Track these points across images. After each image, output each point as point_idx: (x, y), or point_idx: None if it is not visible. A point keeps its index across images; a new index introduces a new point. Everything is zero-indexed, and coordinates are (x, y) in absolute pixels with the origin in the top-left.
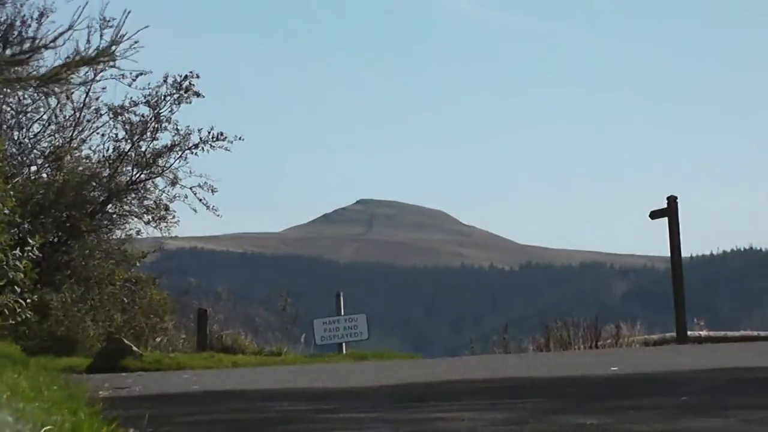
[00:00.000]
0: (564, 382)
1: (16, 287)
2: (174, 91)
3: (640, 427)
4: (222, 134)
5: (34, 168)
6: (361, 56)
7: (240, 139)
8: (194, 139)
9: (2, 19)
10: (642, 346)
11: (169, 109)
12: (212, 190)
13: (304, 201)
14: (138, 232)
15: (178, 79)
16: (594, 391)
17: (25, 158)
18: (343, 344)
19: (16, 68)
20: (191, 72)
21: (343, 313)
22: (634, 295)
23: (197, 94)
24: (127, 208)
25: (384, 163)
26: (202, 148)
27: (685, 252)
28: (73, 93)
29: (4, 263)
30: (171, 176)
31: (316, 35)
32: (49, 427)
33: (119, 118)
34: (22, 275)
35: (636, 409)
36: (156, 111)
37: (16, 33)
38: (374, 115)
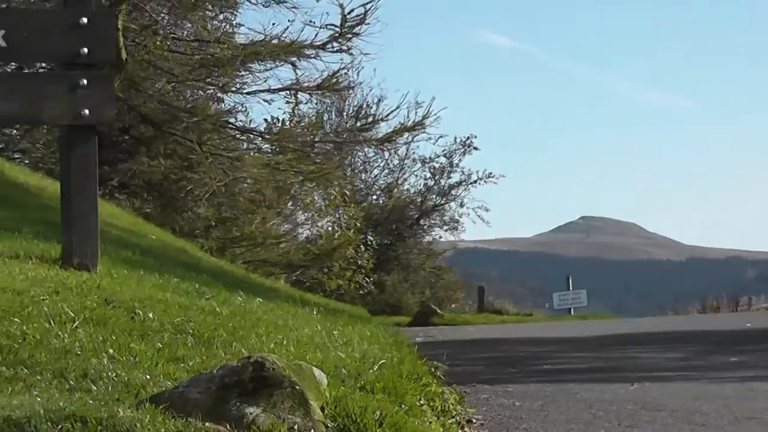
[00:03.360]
0: (714, 333)
1: (362, 270)
2: (460, 147)
3: (766, 363)
4: (491, 174)
5: (374, 197)
6: None
7: (502, 176)
8: (474, 177)
9: (355, 103)
10: (766, 311)
11: (458, 158)
12: (486, 210)
13: (545, 215)
14: (439, 237)
15: (463, 139)
16: (735, 340)
17: (368, 191)
18: (571, 309)
19: (363, 134)
20: (471, 134)
21: (571, 289)
22: (763, 280)
23: (475, 148)
24: (432, 222)
25: (601, 186)
26: (479, 183)
27: None
28: (398, 150)
29: (356, 255)
30: (459, 201)
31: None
32: (383, 361)
33: (426, 165)
34: (366, 263)
35: (764, 351)
36: (450, 159)
37: (363, 111)
38: (602, 150)
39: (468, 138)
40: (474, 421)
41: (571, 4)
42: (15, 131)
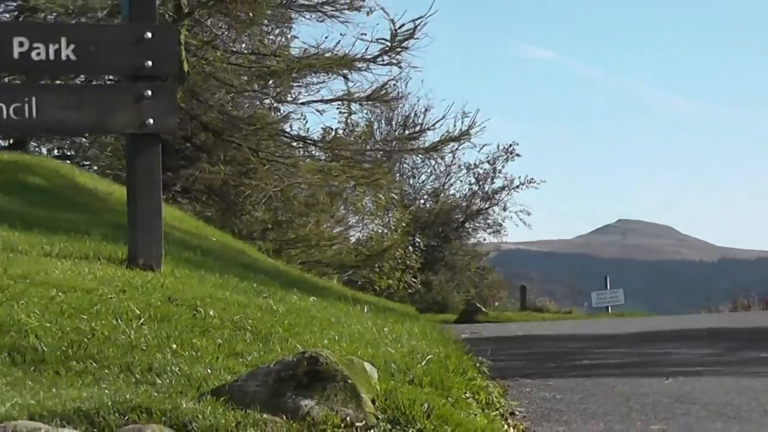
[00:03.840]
0: (745, 331)
1: (410, 270)
2: (503, 154)
3: None
4: (532, 179)
5: (422, 201)
6: None
7: (543, 181)
8: (516, 182)
9: (404, 113)
10: None
11: (501, 164)
12: (527, 213)
13: (584, 218)
14: (483, 239)
15: (506, 146)
16: (765, 336)
17: (416, 195)
18: (609, 307)
19: (411, 142)
20: (514, 141)
21: (608, 288)
22: None
23: (517, 155)
24: (477, 224)
25: (636, 190)
26: (521, 188)
27: None
28: (444, 157)
29: (404, 256)
30: (502, 205)
31: None
32: (430, 357)
33: (471, 171)
34: (414, 263)
35: None
36: (493, 166)
37: (411, 120)
38: (637, 155)
39: (510, 145)
40: (517, 413)
41: (605, 19)
42: (84, 139)
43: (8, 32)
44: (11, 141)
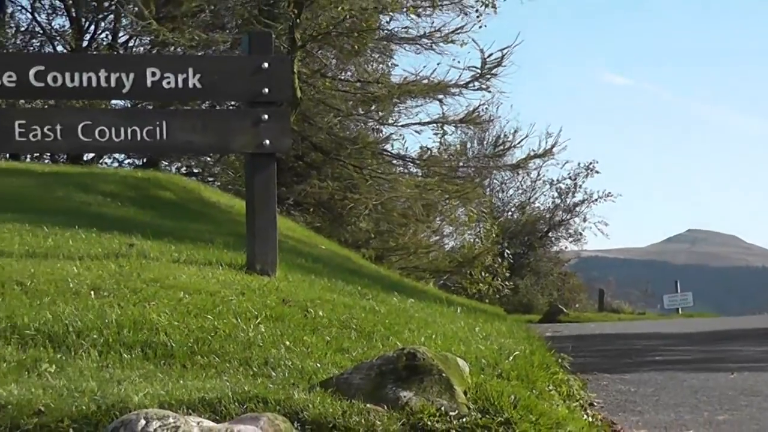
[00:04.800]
0: None
1: (499, 275)
2: (584, 170)
3: None
4: (610, 193)
5: (509, 213)
6: None
7: (620, 195)
8: (595, 196)
9: (494, 134)
10: None
11: (582, 180)
12: (605, 224)
13: (656, 227)
14: (565, 247)
15: (586, 163)
16: None
17: (504, 207)
18: (679, 309)
19: (499, 159)
20: (594, 159)
21: (679, 291)
22: None
23: (597, 172)
24: (559, 234)
25: (705, 202)
26: (600, 201)
27: None
28: (529, 173)
29: (493, 263)
30: (582, 217)
31: None
32: (517, 353)
33: (554, 186)
34: (502, 269)
35: None
36: (574, 181)
37: (501, 140)
38: (706, 170)
39: (590, 163)
40: (595, 404)
41: (678, 45)
42: (209, 158)
43: (142, 64)
44: (144, 160)
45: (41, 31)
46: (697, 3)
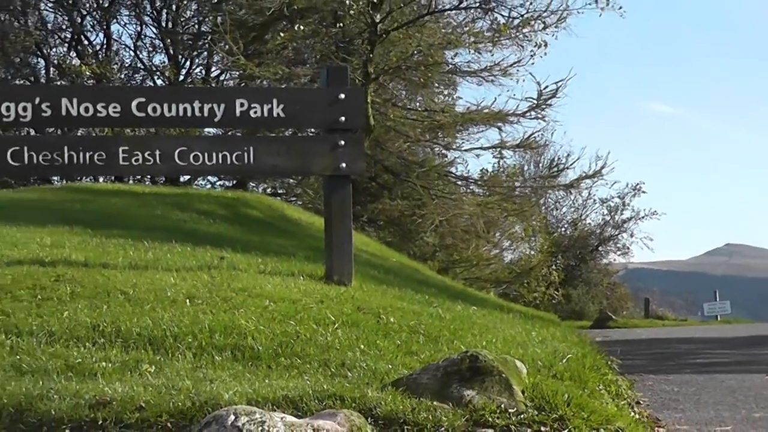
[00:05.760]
0: None
1: (553, 285)
2: (631, 190)
3: None
4: (655, 211)
5: (563, 229)
6: None
7: (664, 213)
8: (641, 214)
9: (549, 157)
10: None
11: (629, 199)
12: (650, 239)
13: (697, 241)
14: (614, 260)
15: (633, 184)
16: None
17: (558, 224)
18: (718, 316)
19: (552, 179)
20: (641, 180)
21: (718, 300)
22: None
23: (643, 192)
24: (608, 248)
25: (743, 217)
26: (646, 218)
27: None
28: (581, 192)
29: (548, 274)
30: (630, 232)
31: None
32: (570, 356)
33: (604, 204)
34: (556, 279)
35: None
36: (622, 200)
37: (554, 164)
38: (744, 188)
39: (637, 183)
40: (641, 402)
41: (715, 76)
42: (292, 180)
43: (232, 96)
44: (234, 182)
45: (143, 67)
46: (729, 46)
